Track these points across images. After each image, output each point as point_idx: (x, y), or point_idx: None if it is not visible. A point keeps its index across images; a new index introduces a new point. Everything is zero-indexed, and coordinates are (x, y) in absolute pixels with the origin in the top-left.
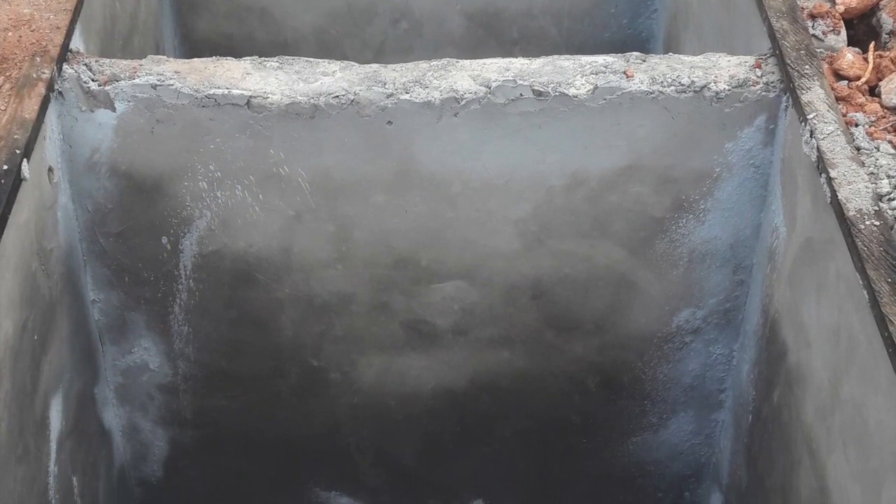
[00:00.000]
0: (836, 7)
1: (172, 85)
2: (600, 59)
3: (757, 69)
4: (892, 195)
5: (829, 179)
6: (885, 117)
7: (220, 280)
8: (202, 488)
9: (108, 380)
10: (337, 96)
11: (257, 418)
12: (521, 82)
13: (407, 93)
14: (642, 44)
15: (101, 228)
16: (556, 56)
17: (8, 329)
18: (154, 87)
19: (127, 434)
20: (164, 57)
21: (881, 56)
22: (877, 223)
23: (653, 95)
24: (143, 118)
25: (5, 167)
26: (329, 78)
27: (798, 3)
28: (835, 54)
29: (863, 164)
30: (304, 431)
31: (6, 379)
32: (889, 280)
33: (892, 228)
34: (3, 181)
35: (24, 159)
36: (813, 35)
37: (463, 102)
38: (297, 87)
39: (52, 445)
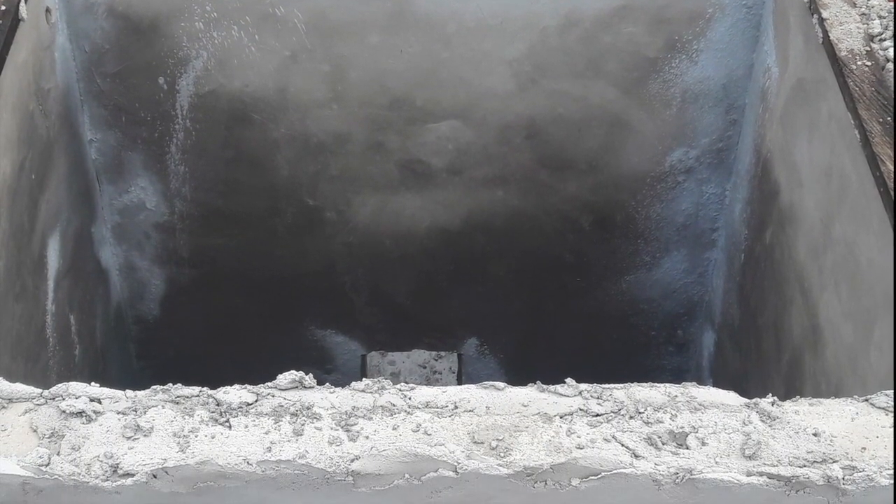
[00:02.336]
0: None
1: None
2: None
3: None
4: (883, 36)
5: (821, 20)
6: None
7: (217, 120)
8: (198, 326)
9: (105, 219)
10: None
11: (253, 257)
12: None
13: None
14: None
15: (99, 69)
16: None
17: (6, 168)
18: None
19: (124, 273)
20: None
21: None
22: (868, 63)
23: None
24: None
25: (3, 7)
26: None
27: None
28: None
29: (854, 5)
30: (299, 270)
31: (4, 218)
32: (880, 120)
33: (883, 69)
34: (0, 22)
35: (22, 0)
36: None
37: None
38: None
39: (49, 284)
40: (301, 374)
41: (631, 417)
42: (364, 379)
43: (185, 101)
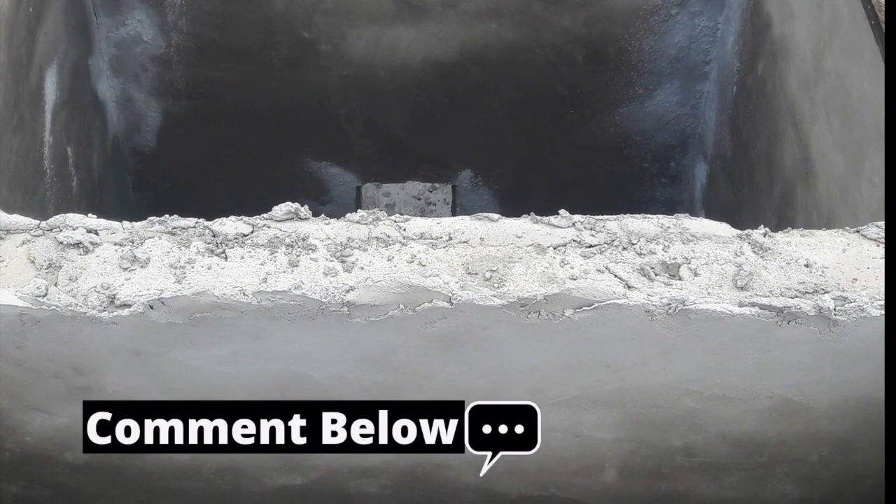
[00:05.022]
0: None
1: None
2: None
3: None
4: None
5: None
6: None
7: None
8: (195, 158)
9: (102, 52)
10: None
11: (249, 89)
12: None
13: None
14: None
15: None
16: None
17: (3, 1)
18: None
19: (121, 105)
20: None
21: None
22: None
23: None
24: None
25: None
26: None
27: None
28: None
29: None
30: (295, 102)
31: (2, 51)
32: None
33: None
34: None
35: None
36: None
37: None
38: None
39: (46, 116)
40: (296, 205)
41: (624, 248)
42: (359, 210)
43: None
